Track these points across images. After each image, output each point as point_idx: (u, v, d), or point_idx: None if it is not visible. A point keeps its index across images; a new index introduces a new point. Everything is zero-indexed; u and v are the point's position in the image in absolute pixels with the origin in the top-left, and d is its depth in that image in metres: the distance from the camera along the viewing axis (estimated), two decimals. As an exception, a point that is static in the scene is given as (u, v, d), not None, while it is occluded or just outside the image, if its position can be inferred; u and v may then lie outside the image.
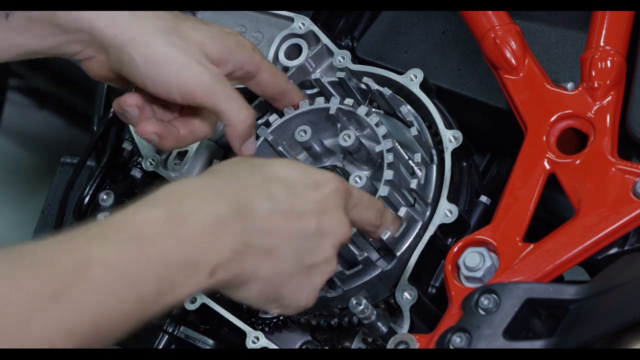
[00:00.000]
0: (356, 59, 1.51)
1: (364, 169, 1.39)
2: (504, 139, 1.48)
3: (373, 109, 1.38)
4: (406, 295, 1.28)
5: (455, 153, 1.34)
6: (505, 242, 1.24)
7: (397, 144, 1.32)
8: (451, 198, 1.31)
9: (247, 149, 1.32)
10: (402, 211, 1.29)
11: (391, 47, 1.54)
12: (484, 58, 1.35)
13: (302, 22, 1.47)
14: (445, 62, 1.51)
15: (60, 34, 1.25)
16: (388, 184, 1.28)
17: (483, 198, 1.38)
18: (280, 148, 1.39)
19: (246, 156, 1.31)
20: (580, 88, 1.29)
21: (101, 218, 1.44)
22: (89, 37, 1.24)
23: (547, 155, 1.28)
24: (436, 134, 1.37)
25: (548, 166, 1.27)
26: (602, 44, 1.28)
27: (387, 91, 1.36)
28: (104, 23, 1.23)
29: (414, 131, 1.34)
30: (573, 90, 1.29)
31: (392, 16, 1.57)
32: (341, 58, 1.43)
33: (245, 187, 1.09)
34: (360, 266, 1.29)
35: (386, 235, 1.27)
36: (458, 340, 1.14)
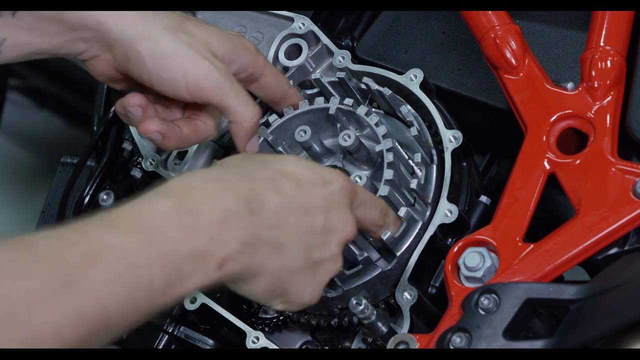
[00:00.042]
0: (356, 59, 1.51)
1: (364, 169, 1.38)
2: (504, 139, 1.48)
3: (373, 109, 1.38)
4: (406, 295, 1.28)
5: (455, 153, 1.34)
6: (505, 242, 1.24)
7: (397, 144, 1.32)
8: (451, 198, 1.31)
9: (251, 147, 1.32)
10: (402, 211, 1.29)
11: (391, 47, 1.54)
12: (484, 58, 1.35)
13: (302, 22, 1.47)
14: (445, 62, 1.51)
15: (66, 32, 1.25)
16: (388, 184, 1.28)
17: (483, 198, 1.38)
18: (280, 148, 1.39)
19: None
20: (580, 88, 1.29)
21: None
22: (95, 35, 1.25)
23: (547, 155, 1.27)
24: (436, 134, 1.37)
25: (548, 166, 1.27)
26: (602, 44, 1.28)
27: (387, 91, 1.36)
28: (112, 19, 1.23)
29: (414, 131, 1.33)
30: (573, 90, 1.29)
31: (392, 16, 1.57)
32: (341, 58, 1.43)
33: (254, 181, 1.09)
34: (360, 266, 1.29)
35: (386, 235, 1.27)
36: (458, 340, 1.14)
